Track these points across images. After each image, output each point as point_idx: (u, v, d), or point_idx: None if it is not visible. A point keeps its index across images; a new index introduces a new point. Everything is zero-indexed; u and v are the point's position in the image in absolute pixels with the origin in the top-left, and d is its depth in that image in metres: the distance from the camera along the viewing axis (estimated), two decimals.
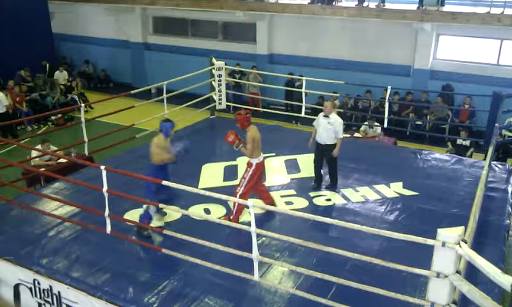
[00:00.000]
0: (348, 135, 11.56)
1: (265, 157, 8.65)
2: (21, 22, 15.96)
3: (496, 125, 7.97)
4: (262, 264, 5.15)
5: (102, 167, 5.42)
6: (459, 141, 11.26)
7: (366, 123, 11.73)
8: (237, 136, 6.56)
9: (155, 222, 6.22)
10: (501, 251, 6.04)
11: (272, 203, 6.93)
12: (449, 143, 11.52)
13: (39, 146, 8.64)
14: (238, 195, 6.40)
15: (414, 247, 4.22)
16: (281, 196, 7.44)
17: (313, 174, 7.89)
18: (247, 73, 15.10)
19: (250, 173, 6.54)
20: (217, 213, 6.75)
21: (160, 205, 5.48)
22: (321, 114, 7.56)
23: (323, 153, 7.61)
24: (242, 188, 6.51)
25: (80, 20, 19.28)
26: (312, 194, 7.51)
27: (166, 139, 6.13)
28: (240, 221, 6.35)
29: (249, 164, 6.60)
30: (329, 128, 7.39)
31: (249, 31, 16.34)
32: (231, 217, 6.48)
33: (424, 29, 13.48)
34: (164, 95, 9.82)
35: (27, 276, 5.64)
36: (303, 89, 11.15)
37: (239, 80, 14.55)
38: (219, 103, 11.23)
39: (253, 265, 4.86)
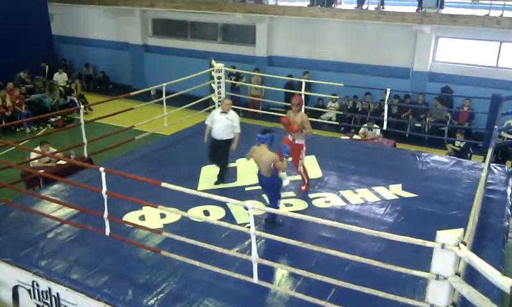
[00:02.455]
0: (347, 137, 11.59)
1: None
2: (21, 24, 15.95)
3: (496, 127, 7.97)
4: (261, 266, 5.15)
5: (101, 168, 5.42)
6: (457, 144, 11.27)
7: (365, 125, 11.74)
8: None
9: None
10: (500, 253, 6.05)
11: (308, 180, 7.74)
12: (448, 146, 11.52)
13: (38, 148, 8.64)
14: (301, 170, 7.54)
15: (413, 249, 4.22)
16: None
17: (311, 176, 7.92)
18: (243, 75, 15.07)
19: (303, 153, 7.44)
20: (216, 215, 6.74)
21: (160, 206, 5.47)
22: (216, 111, 7.93)
23: (218, 149, 7.85)
24: (301, 166, 7.50)
25: (80, 22, 19.29)
26: (311, 196, 7.51)
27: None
28: (239, 223, 6.34)
29: (300, 146, 7.38)
30: (228, 124, 7.71)
31: (248, 33, 16.36)
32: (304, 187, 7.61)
33: (423, 31, 13.50)
34: (164, 97, 9.82)
35: (26, 278, 5.63)
36: (303, 91, 11.15)
37: (236, 82, 14.53)
38: (219, 105, 11.22)
39: (252, 267, 4.85)
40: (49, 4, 17.79)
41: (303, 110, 7.75)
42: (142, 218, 6.68)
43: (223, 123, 7.70)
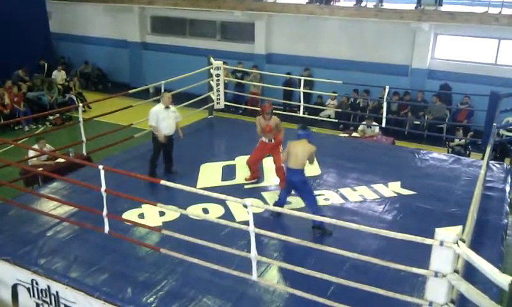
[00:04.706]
0: (346, 135, 11.59)
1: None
2: (19, 22, 15.90)
3: (494, 124, 7.98)
4: (260, 263, 5.15)
5: (100, 166, 5.41)
6: (457, 141, 11.28)
7: (364, 122, 11.74)
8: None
9: None
10: (499, 250, 6.06)
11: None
12: (448, 143, 11.52)
13: (35, 145, 8.63)
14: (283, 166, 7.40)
15: (412, 246, 4.23)
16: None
17: (309, 174, 7.93)
18: (249, 73, 15.10)
19: (282, 147, 7.64)
20: (215, 213, 6.75)
21: (159, 204, 5.47)
22: (158, 109, 7.67)
23: (168, 145, 7.89)
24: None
25: (78, 19, 19.25)
26: None
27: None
28: (238, 221, 6.34)
29: (277, 143, 7.66)
30: (174, 117, 7.83)
31: (247, 30, 16.34)
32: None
33: (422, 28, 13.50)
34: None
35: (25, 276, 5.63)
36: (301, 89, 11.15)
37: (241, 80, 14.53)
38: (218, 103, 11.22)
39: (252, 265, 4.86)
40: (47, 2, 17.74)
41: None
42: (141, 216, 6.68)
43: (171, 118, 7.79)
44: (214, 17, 16.78)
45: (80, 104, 9.68)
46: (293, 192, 7.48)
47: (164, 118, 7.68)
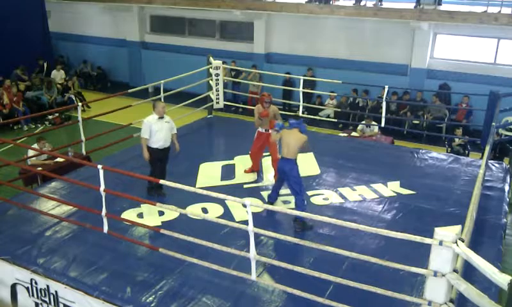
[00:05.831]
0: (345, 135, 11.60)
1: (263, 156, 8.75)
2: (18, 21, 15.89)
3: (493, 124, 7.98)
4: (259, 263, 5.15)
5: (99, 166, 5.41)
6: (457, 141, 11.27)
7: (363, 122, 11.74)
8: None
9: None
10: (498, 250, 6.07)
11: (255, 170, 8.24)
12: (450, 143, 11.49)
13: (35, 145, 8.62)
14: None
15: (411, 245, 4.23)
16: (279, 195, 7.44)
17: (309, 173, 7.97)
18: (242, 72, 15.09)
19: None
20: (214, 212, 6.75)
21: (158, 204, 5.47)
22: (152, 120, 6.96)
23: (164, 158, 7.20)
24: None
25: (77, 18, 19.23)
26: (309, 193, 7.51)
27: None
28: (237, 220, 6.34)
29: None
30: (169, 128, 7.13)
31: (246, 29, 16.33)
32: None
33: (421, 28, 13.50)
34: (162, 94, 9.80)
35: (24, 276, 5.63)
36: (300, 89, 11.15)
37: (237, 79, 14.53)
38: (217, 102, 11.22)
39: (251, 265, 4.86)
40: (46, 1, 17.72)
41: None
42: (140, 215, 6.67)
43: (166, 129, 7.07)
44: (213, 16, 16.77)
45: (80, 104, 9.67)
46: (283, 192, 7.48)
47: (158, 130, 6.94)
